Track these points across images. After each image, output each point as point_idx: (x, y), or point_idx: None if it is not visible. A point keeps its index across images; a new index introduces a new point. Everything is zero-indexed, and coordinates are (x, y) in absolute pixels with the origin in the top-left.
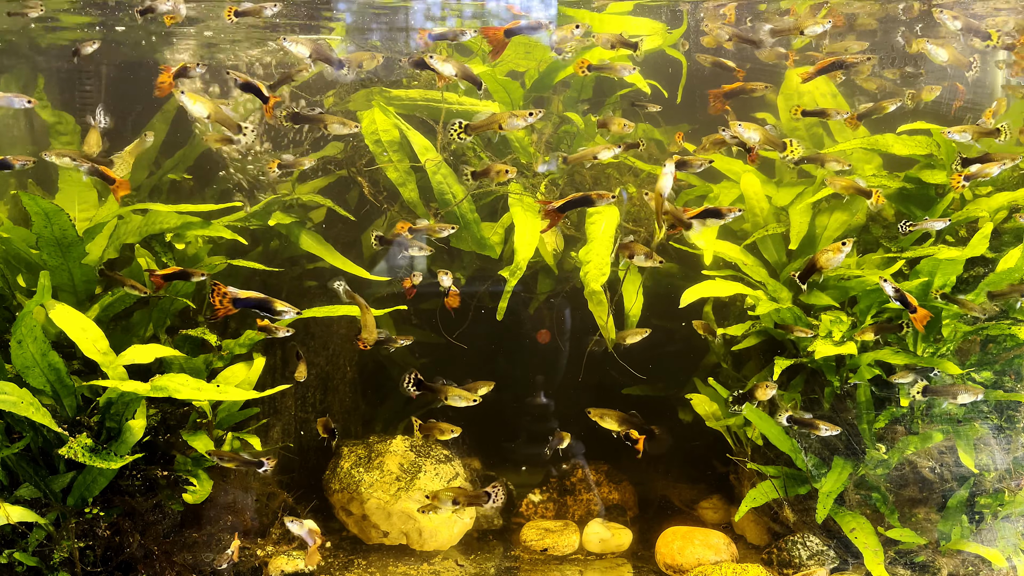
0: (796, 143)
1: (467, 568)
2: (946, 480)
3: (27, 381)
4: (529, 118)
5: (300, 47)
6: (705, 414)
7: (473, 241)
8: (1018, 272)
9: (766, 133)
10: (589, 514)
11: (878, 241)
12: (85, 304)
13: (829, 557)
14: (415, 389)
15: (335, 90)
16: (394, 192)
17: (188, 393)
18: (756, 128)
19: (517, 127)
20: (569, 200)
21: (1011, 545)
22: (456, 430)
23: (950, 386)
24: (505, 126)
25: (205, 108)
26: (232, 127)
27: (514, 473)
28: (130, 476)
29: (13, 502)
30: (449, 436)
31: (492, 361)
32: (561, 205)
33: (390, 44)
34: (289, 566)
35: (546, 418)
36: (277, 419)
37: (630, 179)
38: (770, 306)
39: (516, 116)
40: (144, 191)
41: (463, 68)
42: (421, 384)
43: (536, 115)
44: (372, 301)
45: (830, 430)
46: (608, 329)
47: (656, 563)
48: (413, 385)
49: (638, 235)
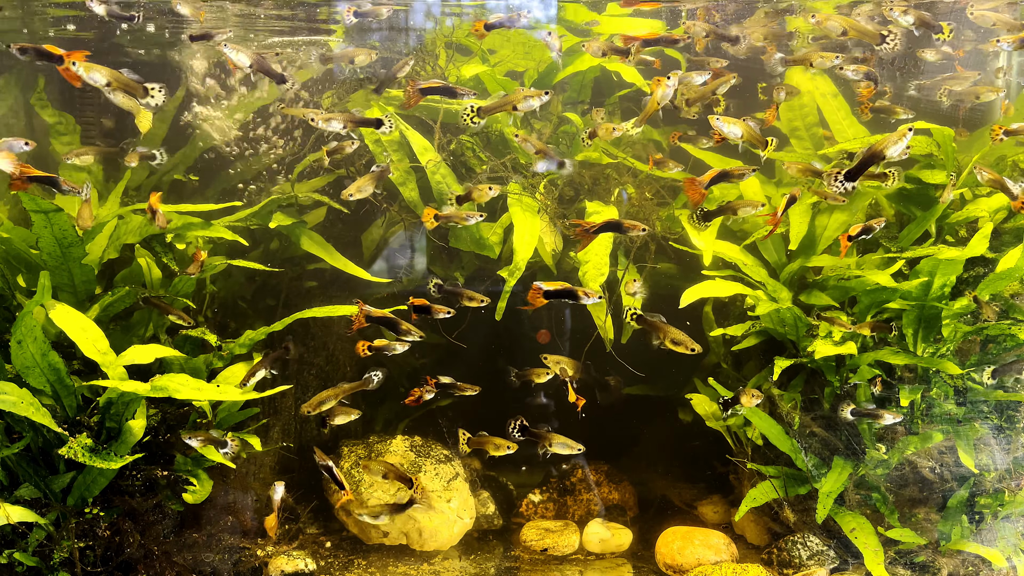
0: (773, 142)
1: (467, 568)
2: (946, 480)
3: (27, 381)
4: (544, 97)
5: (241, 56)
6: (705, 414)
7: (472, 241)
8: (1018, 272)
9: (750, 129)
10: (589, 514)
11: (878, 241)
12: (85, 304)
13: (829, 557)
14: (520, 435)
15: (334, 89)
16: (394, 192)
17: (188, 393)
18: (738, 123)
19: (531, 107)
20: (604, 224)
21: (1011, 545)
22: (512, 446)
23: (872, 409)
24: (520, 107)
25: (103, 76)
26: (138, 91)
27: (514, 473)
28: (130, 476)
29: (13, 502)
30: (504, 452)
31: (492, 361)
32: (597, 228)
33: (390, 44)
34: (289, 566)
35: (546, 418)
36: (277, 419)
37: (629, 179)
38: (770, 306)
39: (531, 96)
40: (144, 191)
41: (260, 61)
42: (526, 431)
43: (549, 95)
44: (372, 301)
45: (894, 418)
46: (606, 329)
47: (656, 563)
48: (518, 431)
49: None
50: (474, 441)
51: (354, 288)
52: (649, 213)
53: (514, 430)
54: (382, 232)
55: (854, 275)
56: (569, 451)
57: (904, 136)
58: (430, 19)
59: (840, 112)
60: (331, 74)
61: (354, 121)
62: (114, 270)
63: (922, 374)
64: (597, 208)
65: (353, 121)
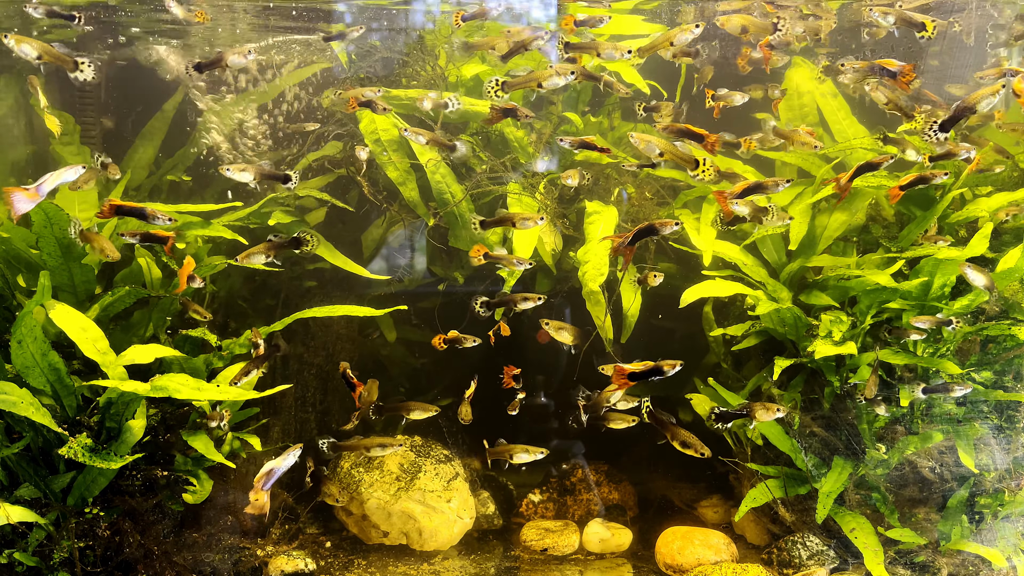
0: (710, 162)
1: (467, 568)
2: (946, 480)
3: (27, 381)
4: (569, 76)
5: (245, 173)
6: (705, 414)
7: (471, 241)
8: (1018, 272)
9: (669, 146)
10: (589, 514)
11: (878, 241)
12: (85, 304)
13: (829, 557)
14: None
15: (333, 88)
16: (394, 191)
17: (188, 393)
18: (656, 139)
19: (556, 85)
20: (637, 231)
21: (1011, 545)
22: (543, 451)
23: (942, 384)
24: (546, 85)
25: (33, 49)
26: (68, 64)
27: (514, 473)
28: (130, 476)
29: (13, 502)
30: (532, 457)
31: (491, 361)
32: (631, 239)
33: (390, 44)
34: (289, 566)
35: (546, 418)
36: (277, 419)
37: (629, 179)
38: (770, 306)
39: (558, 75)
40: (144, 191)
41: (260, 169)
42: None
43: (576, 74)
44: (370, 301)
45: (963, 388)
46: (606, 329)
47: (656, 563)
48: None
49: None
50: (494, 452)
51: (353, 288)
52: (649, 213)
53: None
54: (382, 232)
55: (854, 275)
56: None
57: (997, 92)
58: (430, 19)
59: (840, 112)
60: (331, 73)
61: (264, 174)
62: (114, 270)
63: (922, 374)
64: (597, 208)
65: (263, 174)
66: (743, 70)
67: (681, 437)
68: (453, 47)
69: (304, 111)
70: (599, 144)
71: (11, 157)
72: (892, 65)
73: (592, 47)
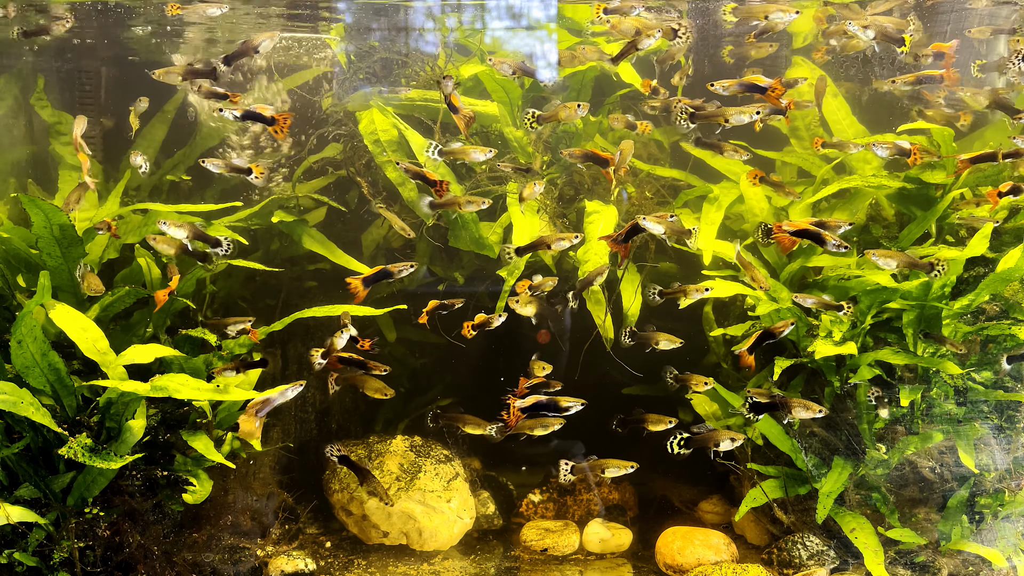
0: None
1: (467, 568)
2: (946, 480)
3: (27, 381)
4: (587, 106)
5: None
6: (705, 414)
7: (471, 240)
8: (1018, 272)
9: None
10: (589, 514)
11: (878, 241)
12: (85, 304)
13: (829, 557)
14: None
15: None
16: (394, 192)
17: (188, 393)
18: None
19: (580, 116)
20: (631, 227)
21: (1011, 545)
22: (633, 464)
23: (711, 431)
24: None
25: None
26: (211, 75)
27: (514, 473)
28: (130, 476)
29: (13, 502)
30: (622, 472)
31: (491, 361)
32: (624, 236)
33: (389, 44)
34: (289, 566)
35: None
36: (277, 419)
37: (629, 179)
38: (770, 306)
39: (578, 107)
40: (144, 191)
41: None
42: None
43: (584, 108)
44: (372, 301)
45: None
46: (606, 328)
47: (656, 563)
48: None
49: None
50: (579, 468)
51: None
52: (649, 213)
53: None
54: (382, 232)
55: (854, 275)
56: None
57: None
58: (430, 18)
59: (840, 112)
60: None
61: (197, 236)
62: (114, 270)
63: (922, 374)
64: (597, 207)
65: (196, 235)
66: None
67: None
68: None
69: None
70: (604, 155)
71: (11, 157)
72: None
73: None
